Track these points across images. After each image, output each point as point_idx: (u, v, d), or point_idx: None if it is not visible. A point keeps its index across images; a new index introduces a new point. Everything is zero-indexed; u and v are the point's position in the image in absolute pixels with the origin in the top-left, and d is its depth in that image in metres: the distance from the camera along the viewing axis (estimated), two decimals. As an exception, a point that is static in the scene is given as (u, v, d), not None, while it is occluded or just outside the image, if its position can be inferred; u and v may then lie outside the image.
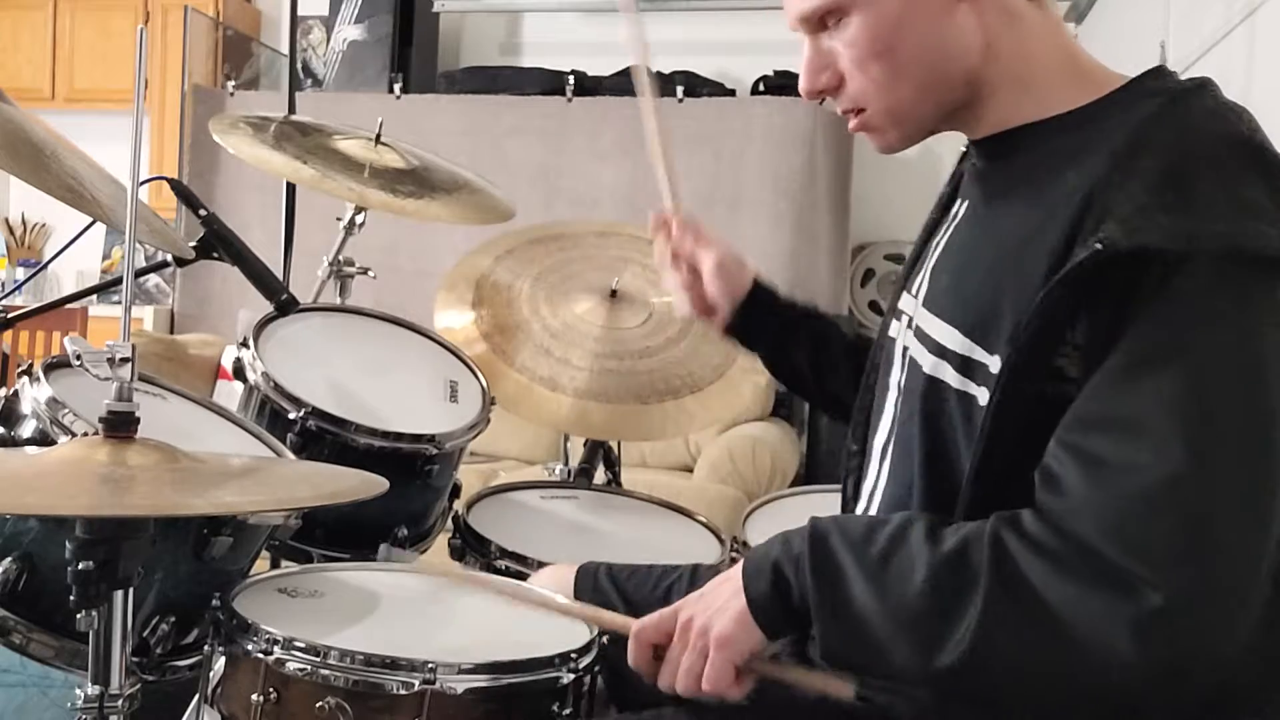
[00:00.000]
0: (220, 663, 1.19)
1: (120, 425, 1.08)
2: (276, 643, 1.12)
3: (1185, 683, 0.89)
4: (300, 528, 1.44)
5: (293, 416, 1.59)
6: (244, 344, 1.68)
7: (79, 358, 1.07)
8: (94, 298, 3.14)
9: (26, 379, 1.35)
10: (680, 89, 4.48)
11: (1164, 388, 0.87)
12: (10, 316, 1.67)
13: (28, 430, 1.34)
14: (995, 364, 0.97)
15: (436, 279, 2.06)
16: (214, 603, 1.19)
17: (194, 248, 1.68)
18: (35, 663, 1.24)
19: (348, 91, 4.93)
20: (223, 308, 4.78)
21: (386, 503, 1.18)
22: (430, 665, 1.09)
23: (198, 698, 1.24)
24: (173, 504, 1.05)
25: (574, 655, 1.16)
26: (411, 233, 4.39)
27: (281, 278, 2.28)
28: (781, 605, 1.00)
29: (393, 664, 1.09)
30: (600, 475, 2.13)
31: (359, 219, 2.09)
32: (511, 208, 2.15)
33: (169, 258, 1.72)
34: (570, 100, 4.58)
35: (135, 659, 1.22)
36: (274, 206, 3.01)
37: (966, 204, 1.12)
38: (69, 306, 2.89)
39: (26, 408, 1.34)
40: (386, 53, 4.92)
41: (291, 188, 2.84)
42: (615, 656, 1.20)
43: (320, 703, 1.09)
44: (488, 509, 1.78)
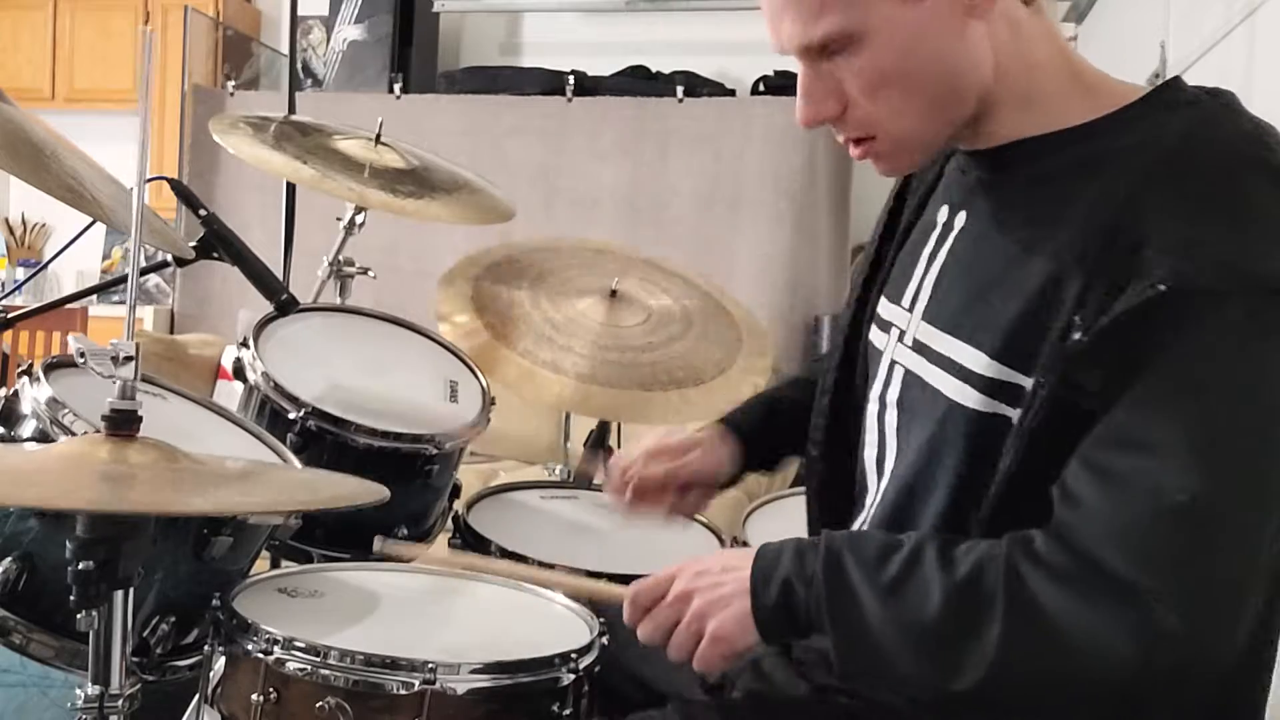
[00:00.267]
0: (220, 663, 1.19)
1: (123, 423, 1.08)
2: (276, 643, 1.12)
3: (1186, 691, 0.91)
4: (300, 528, 1.45)
5: (293, 416, 1.59)
6: (244, 344, 1.68)
7: (83, 356, 1.07)
8: (94, 298, 3.14)
9: (26, 379, 1.35)
10: (680, 89, 4.47)
11: (1187, 413, 0.87)
12: (10, 316, 1.67)
13: (28, 430, 1.34)
14: (1029, 384, 0.95)
15: (436, 279, 2.05)
16: (214, 603, 1.19)
17: (194, 248, 1.68)
18: (35, 663, 1.24)
19: (348, 91, 4.92)
20: (223, 308, 4.77)
21: (386, 503, 1.18)
22: (430, 665, 1.09)
23: (198, 698, 1.25)
24: (173, 503, 1.05)
25: (574, 655, 1.16)
26: (411, 233, 4.39)
27: (281, 278, 2.28)
28: (788, 620, 1.00)
29: (393, 664, 1.09)
30: (600, 475, 2.12)
31: (359, 219, 2.09)
32: (511, 208, 2.15)
33: (169, 258, 1.72)
34: (570, 100, 4.57)
35: (135, 659, 1.22)
36: (274, 206, 3.01)
37: (966, 215, 1.08)
38: (69, 306, 2.89)
39: (26, 407, 1.34)
40: (386, 53, 4.92)
41: (291, 188, 2.84)
42: (610, 660, 1.21)
43: (320, 703, 1.09)
44: (488, 509, 1.78)
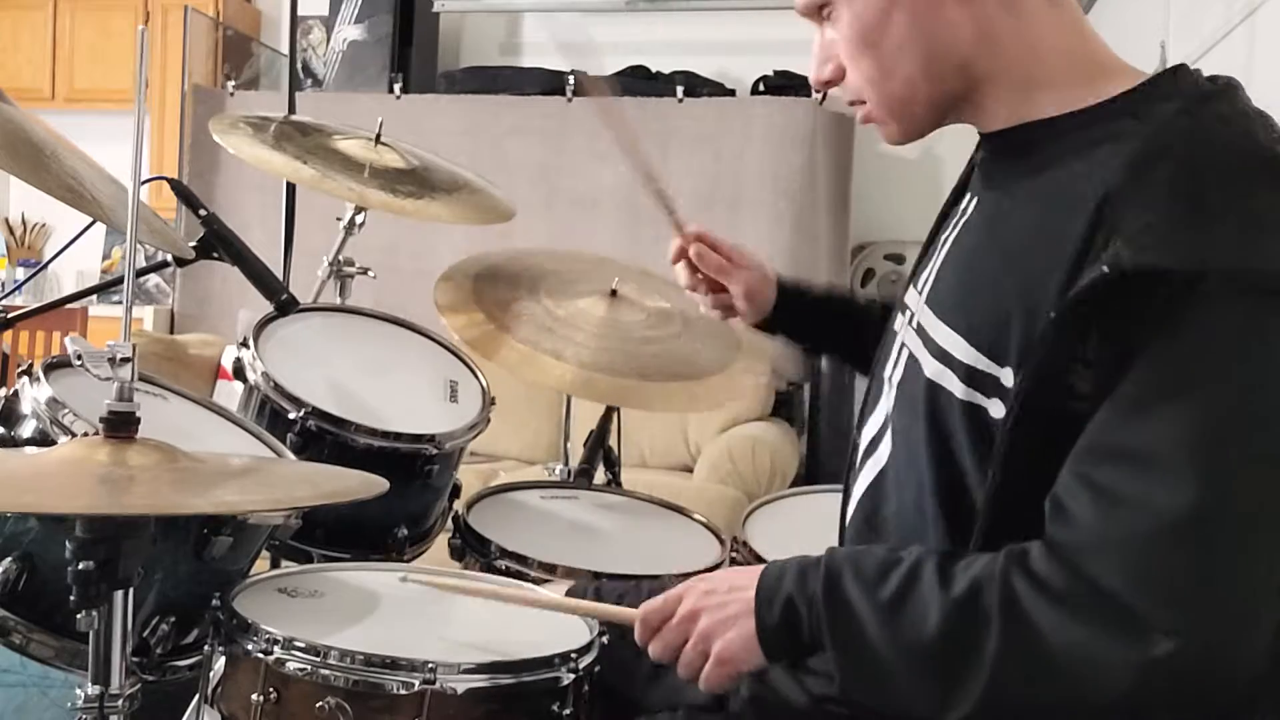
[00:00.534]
0: (220, 663, 1.19)
1: (121, 425, 1.08)
2: (276, 643, 1.12)
3: (1188, 713, 0.89)
4: (300, 528, 1.44)
5: (293, 416, 1.60)
6: (244, 344, 1.68)
7: (80, 357, 1.07)
8: (94, 298, 3.14)
9: (26, 379, 1.35)
10: (680, 89, 4.48)
11: (1177, 419, 0.85)
12: (10, 316, 1.67)
13: (28, 430, 1.34)
14: (1007, 376, 0.94)
15: (436, 279, 2.05)
16: (214, 603, 1.19)
17: (194, 248, 1.68)
18: (35, 663, 1.24)
19: (348, 91, 4.92)
20: (223, 308, 4.77)
21: (386, 503, 1.18)
22: (430, 665, 1.09)
23: (198, 698, 1.24)
24: (173, 504, 1.05)
25: (574, 655, 1.16)
26: (411, 233, 4.39)
27: (281, 278, 2.28)
28: (791, 639, 1.01)
29: (393, 664, 1.09)
30: (600, 475, 2.13)
31: (359, 219, 2.10)
32: (511, 208, 2.15)
33: (169, 258, 1.72)
34: (570, 100, 4.58)
35: (135, 659, 1.22)
36: (274, 206, 3.01)
37: (975, 200, 1.09)
38: (69, 306, 2.89)
39: (26, 408, 1.34)
40: (386, 53, 4.92)
41: (291, 188, 2.84)
42: (606, 667, 1.20)
43: (320, 703, 1.09)
44: (488, 509, 1.78)
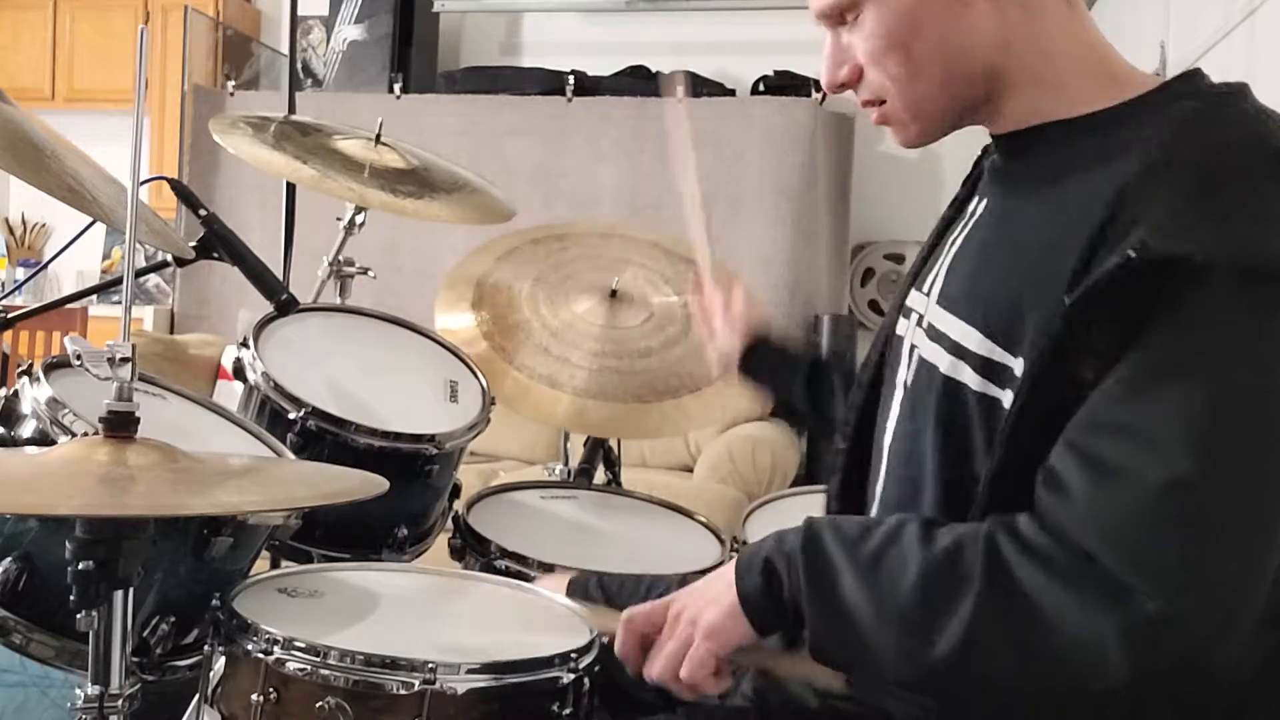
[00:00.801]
0: (220, 663, 1.19)
1: (120, 425, 1.08)
2: (276, 643, 1.12)
3: (1171, 689, 0.89)
4: (300, 528, 1.45)
5: (293, 416, 1.60)
6: (244, 344, 1.68)
7: (79, 358, 1.07)
8: (94, 298, 3.14)
9: (26, 379, 1.35)
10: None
11: (1175, 398, 0.86)
12: (10, 316, 1.67)
13: (28, 430, 1.34)
14: (1019, 366, 0.95)
15: (436, 279, 2.06)
16: (214, 603, 1.19)
17: (194, 248, 1.68)
18: (35, 663, 1.24)
19: (348, 91, 4.93)
20: (223, 308, 4.78)
21: (386, 503, 1.18)
22: (430, 665, 1.09)
23: (198, 698, 1.24)
24: (172, 504, 1.05)
25: (574, 655, 1.16)
26: (411, 233, 4.39)
27: (281, 278, 2.28)
28: (772, 601, 1.01)
29: (393, 664, 1.09)
30: (600, 475, 2.13)
31: (359, 219, 2.10)
32: (511, 208, 2.15)
33: (169, 258, 1.72)
34: (570, 100, 4.58)
35: (135, 659, 1.22)
36: (274, 206, 3.01)
37: (985, 202, 1.10)
38: (69, 306, 2.89)
39: (26, 408, 1.34)
40: (386, 53, 4.92)
41: (291, 188, 2.84)
42: (610, 667, 1.20)
43: (320, 703, 1.09)
44: (488, 509, 1.78)
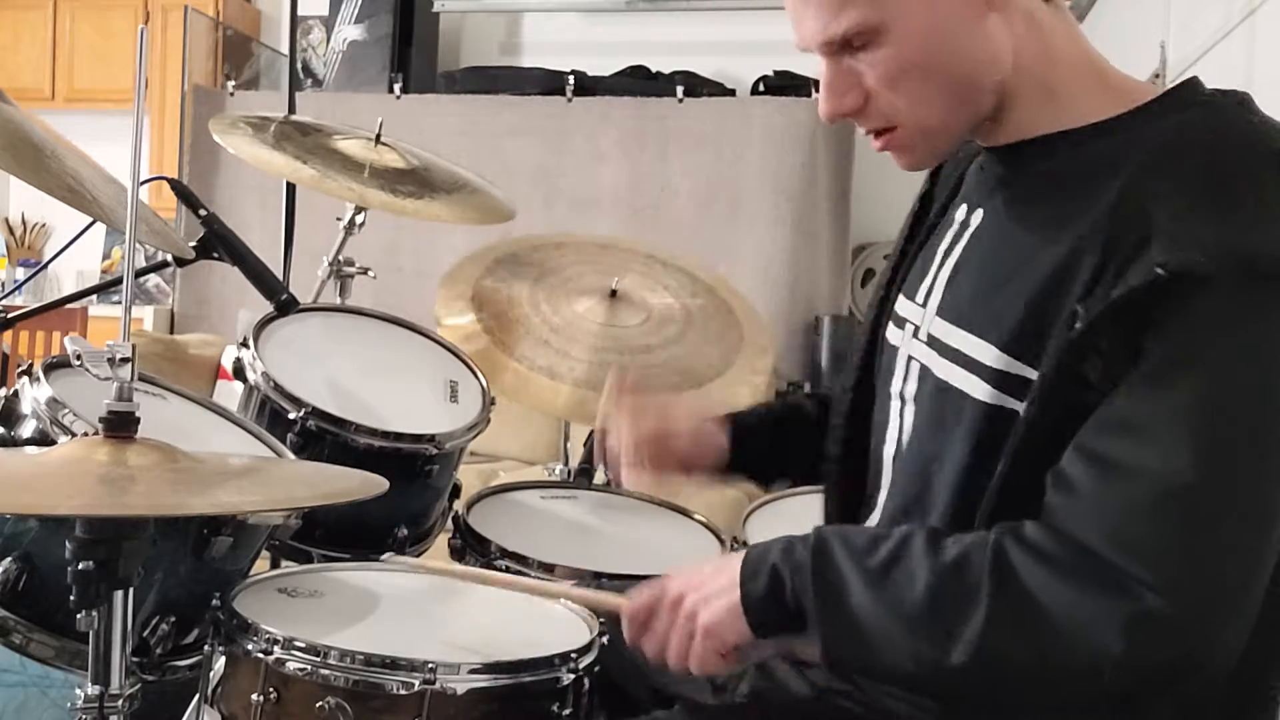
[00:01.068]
0: (220, 663, 1.19)
1: (120, 425, 1.08)
2: (276, 643, 1.12)
3: (1172, 683, 0.89)
4: (300, 528, 1.45)
5: (293, 416, 1.59)
6: (244, 344, 1.68)
7: (79, 357, 1.07)
8: (94, 298, 3.14)
9: (26, 379, 1.35)
10: (680, 89, 4.48)
11: (1179, 396, 0.87)
12: (10, 316, 1.67)
13: (28, 430, 1.34)
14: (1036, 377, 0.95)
15: (436, 279, 2.05)
16: (214, 603, 1.19)
17: (194, 248, 1.68)
18: (35, 663, 1.24)
19: (348, 91, 4.92)
20: (223, 308, 4.78)
21: (386, 503, 1.18)
22: (430, 665, 1.09)
23: (198, 698, 1.24)
24: (172, 504, 1.05)
25: (574, 655, 1.16)
26: (411, 233, 4.39)
27: (281, 278, 2.28)
28: (776, 607, 1.01)
29: (393, 664, 1.09)
30: (600, 475, 2.12)
31: (359, 219, 2.10)
32: (511, 208, 2.15)
33: (169, 258, 1.72)
34: (570, 100, 4.58)
35: (135, 659, 1.22)
36: (274, 206, 3.01)
37: (982, 213, 1.08)
38: (69, 306, 2.89)
39: (26, 408, 1.34)
40: (386, 53, 4.92)
41: (291, 188, 2.84)
42: (610, 663, 1.20)
43: (320, 703, 1.09)
44: (488, 509, 1.78)
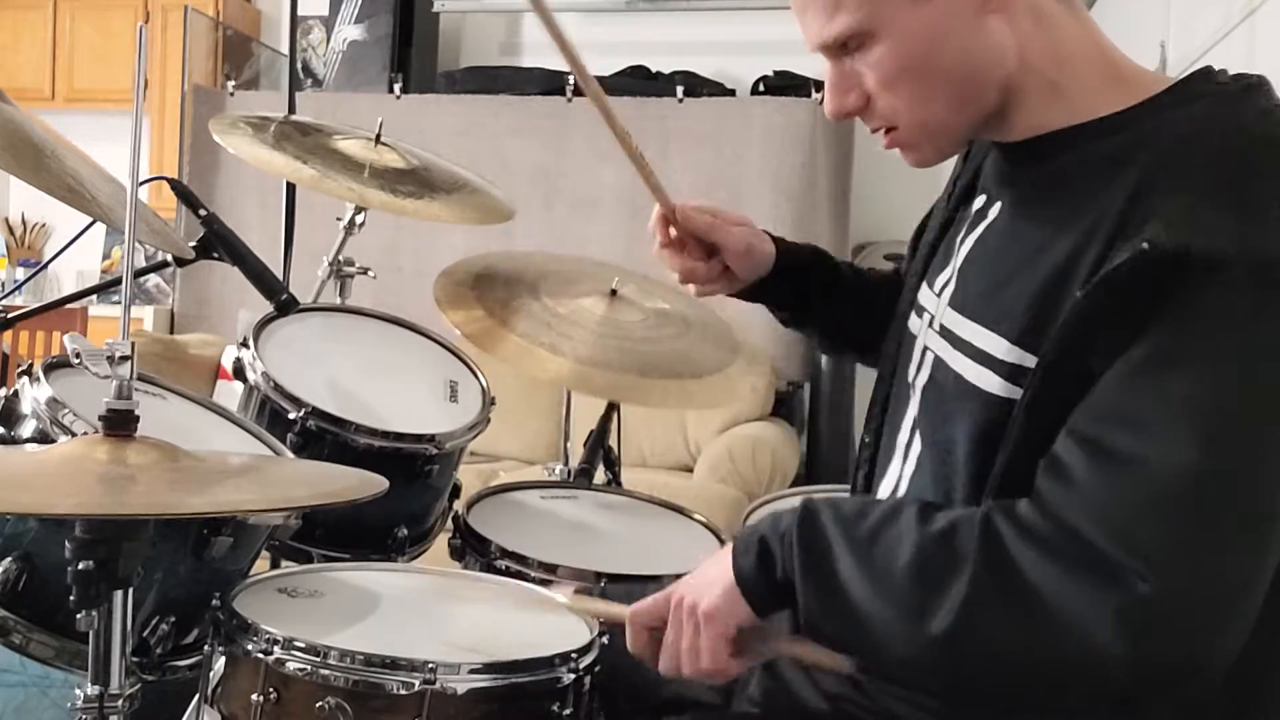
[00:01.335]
0: (220, 663, 1.19)
1: (120, 423, 1.08)
2: (276, 643, 1.12)
3: (1169, 683, 0.88)
4: (300, 528, 1.45)
5: (293, 416, 1.59)
6: (244, 344, 1.68)
7: (78, 355, 1.07)
8: (94, 298, 3.14)
9: (26, 379, 1.35)
10: (680, 89, 4.48)
11: (1182, 388, 0.86)
12: (10, 316, 1.67)
13: (28, 430, 1.34)
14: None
15: (436, 276, 2.04)
16: (214, 603, 1.19)
17: (194, 248, 1.68)
18: (35, 663, 1.24)
19: (348, 91, 4.93)
20: (223, 308, 4.78)
21: (386, 503, 1.18)
22: (430, 665, 1.09)
23: (198, 698, 1.24)
24: (172, 504, 1.05)
25: (574, 655, 1.16)
26: (411, 233, 4.39)
27: (281, 278, 2.28)
28: (766, 579, 1.00)
29: (393, 664, 1.09)
30: (600, 475, 2.12)
31: (359, 219, 2.10)
32: (511, 208, 2.15)
33: (169, 258, 1.72)
34: (570, 100, 4.57)
35: (135, 659, 1.22)
36: (274, 206, 3.01)
37: (999, 206, 1.08)
38: (69, 306, 2.89)
39: (26, 408, 1.34)
40: (386, 53, 4.92)
41: (291, 188, 2.84)
42: (609, 669, 1.20)
43: (320, 703, 1.09)
44: (488, 509, 1.77)
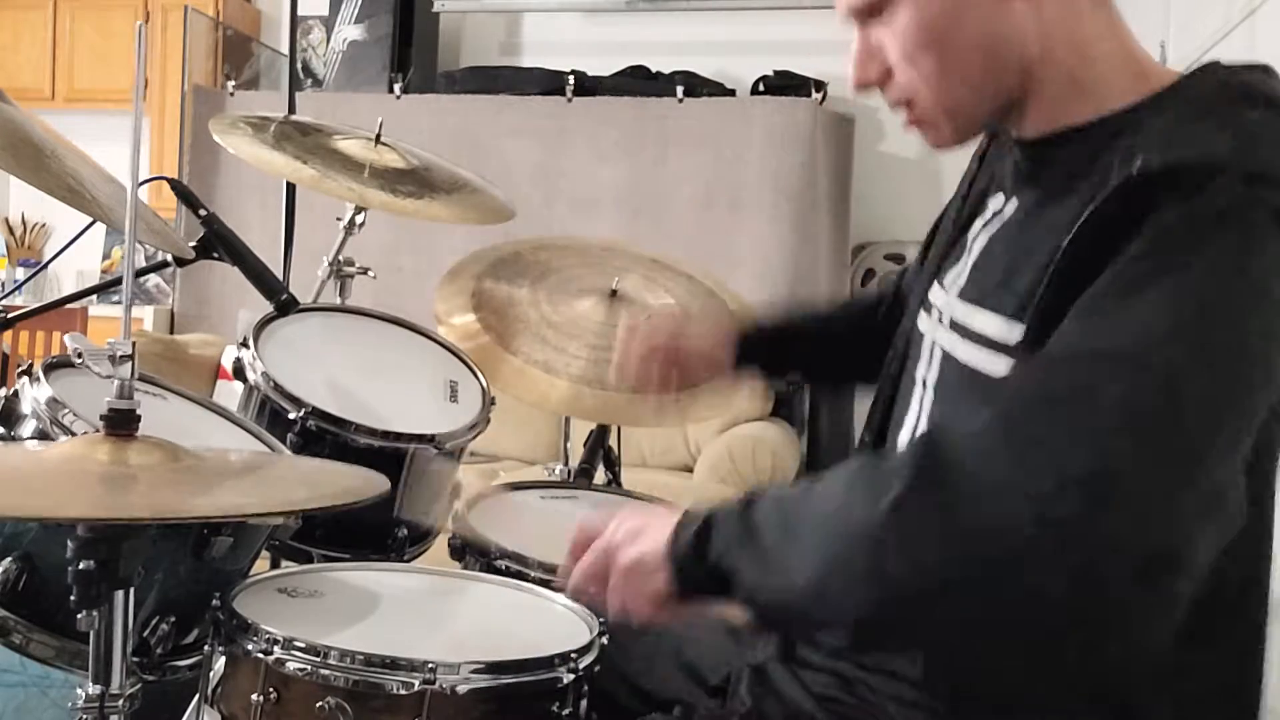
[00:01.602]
0: (220, 663, 1.19)
1: (121, 423, 1.08)
2: (276, 643, 1.12)
3: (1152, 583, 0.81)
4: (300, 527, 1.45)
5: (293, 416, 1.60)
6: (244, 344, 1.68)
7: (80, 355, 1.07)
8: (94, 298, 3.13)
9: (26, 379, 1.35)
10: (680, 89, 4.48)
11: (1152, 295, 0.84)
12: (10, 316, 1.67)
13: (28, 430, 1.34)
14: None
15: (436, 279, 2.05)
16: (214, 603, 1.19)
17: (194, 248, 1.68)
18: (35, 663, 1.24)
19: (348, 91, 4.92)
20: (223, 308, 4.78)
21: (387, 503, 1.18)
22: (430, 665, 1.09)
23: (198, 698, 1.24)
24: (175, 506, 1.05)
25: (574, 655, 1.16)
26: (411, 233, 4.39)
27: (281, 278, 2.28)
28: (696, 555, 0.96)
29: (393, 664, 1.09)
30: (600, 475, 2.12)
31: (359, 219, 2.10)
32: (511, 208, 2.15)
33: (169, 258, 1.72)
34: (570, 100, 4.57)
35: (135, 659, 1.22)
36: (274, 206, 3.01)
37: (1016, 203, 1.07)
38: (69, 306, 2.88)
39: (26, 408, 1.34)
40: (386, 53, 4.92)
41: (291, 188, 2.84)
42: (608, 669, 1.20)
43: (320, 703, 1.09)
44: (488, 509, 1.77)
